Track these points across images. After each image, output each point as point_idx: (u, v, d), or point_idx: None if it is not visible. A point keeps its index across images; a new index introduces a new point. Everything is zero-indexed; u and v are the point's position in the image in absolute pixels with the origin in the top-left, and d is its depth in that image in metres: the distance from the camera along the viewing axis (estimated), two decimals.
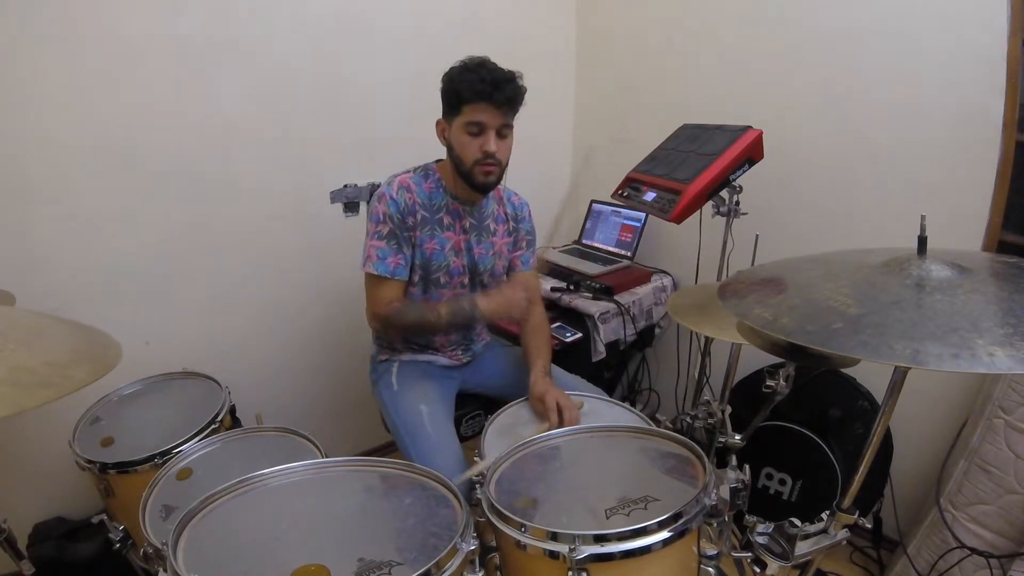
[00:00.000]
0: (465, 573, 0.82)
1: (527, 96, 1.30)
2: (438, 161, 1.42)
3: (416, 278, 1.39)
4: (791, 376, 1.30)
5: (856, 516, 0.92)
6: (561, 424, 1.22)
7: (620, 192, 1.71)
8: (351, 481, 0.99)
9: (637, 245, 2.18)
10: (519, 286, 1.35)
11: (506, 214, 1.50)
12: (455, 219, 1.41)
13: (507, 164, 1.34)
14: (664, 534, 0.82)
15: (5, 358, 0.74)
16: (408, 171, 1.40)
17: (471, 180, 1.32)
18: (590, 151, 2.50)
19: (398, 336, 1.49)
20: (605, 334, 1.92)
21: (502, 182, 1.43)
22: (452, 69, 1.28)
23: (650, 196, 1.56)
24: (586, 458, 1.07)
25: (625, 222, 2.25)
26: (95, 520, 1.18)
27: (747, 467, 1.04)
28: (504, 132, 1.29)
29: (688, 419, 1.56)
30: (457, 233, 1.41)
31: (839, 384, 1.70)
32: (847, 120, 1.64)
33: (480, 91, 1.22)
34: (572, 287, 2.01)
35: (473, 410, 1.56)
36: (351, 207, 1.96)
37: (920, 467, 1.63)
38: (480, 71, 1.23)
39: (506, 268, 1.53)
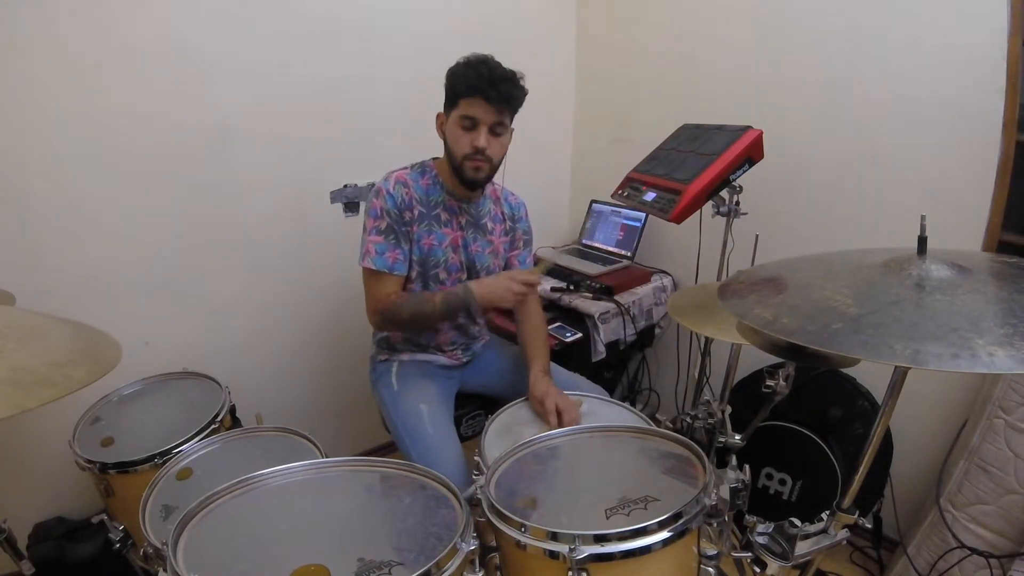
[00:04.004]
0: (465, 573, 0.82)
1: (528, 96, 1.31)
2: (435, 158, 1.42)
3: (415, 274, 1.39)
4: (791, 376, 1.30)
5: (856, 516, 0.92)
6: (561, 426, 1.23)
7: (620, 192, 1.71)
8: (351, 481, 0.99)
9: (637, 245, 2.18)
10: (514, 272, 1.35)
11: (503, 214, 1.50)
12: (452, 215, 1.41)
13: (499, 163, 1.35)
14: (664, 534, 0.82)
15: (5, 358, 0.74)
16: (405, 167, 1.40)
17: (460, 174, 1.33)
18: (590, 151, 2.50)
19: (397, 332, 1.49)
20: (605, 334, 1.92)
21: (499, 182, 1.43)
22: (456, 64, 1.29)
23: (650, 196, 1.56)
24: (586, 458, 1.07)
25: (625, 222, 2.25)
26: (95, 520, 1.18)
27: (747, 467, 1.03)
28: (498, 130, 1.29)
29: (688, 419, 1.56)
30: (454, 229, 1.41)
31: (839, 384, 1.70)
32: (847, 120, 1.64)
33: (476, 86, 1.23)
34: (572, 287, 2.01)
35: (473, 410, 1.56)
36: (351, 207, 1.96)
37: (920, 467, 1.63)
38: (480, 68, 1.24)
39: (503, 267, 1.53)
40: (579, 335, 1.86)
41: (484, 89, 1.23)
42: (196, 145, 1.63)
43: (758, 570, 0.96)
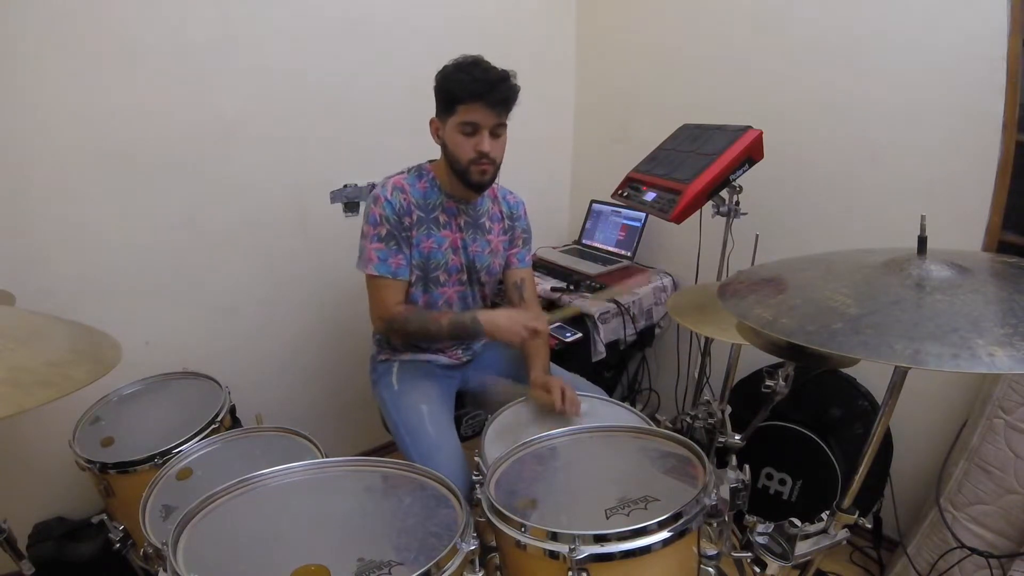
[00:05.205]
0: (465, 573, 0.82)
1: (527, 96, 1.30)
2: (431, 161, 1.42)
3: (415, 277, 1.39)
4: (791, 376, 1.30)
5: (856, 516, 0.92)
6: (564, 405, 1.24)
7: (620, 192, 1.71)
8: (351, 481, 0.99)
9: (637, 245, 2.18)
10: (526, 317, 1.33)
11: (501, 212, 1.50)
12: (451, 217, 1.41)
13: (501, 162, 1.34)
14: (664, 534, 0.82)
15: (5, 358, 0.74)
16: (402, 172, 1.40)
17: (466, 179, 1.32)
18: (590, 151, 2.50)
19: (401, 340, 1.49)
20: (605, 334, 1.92)
21: (497, 181, 1.43)
22: (445, 68, 1.28)
23: (650, 196, 1.56)
24: (586, 458, 1.07)
25: (625, 222, 2.25)
26: (95, 520, 1.18)
27: (747, 467, 1.04)
28: (498, 131, 1.29)
29: (688, 419, 1.57)
30: (453, 231, 1.41)
31: (839, 384, 1.70)
32: (847, 120, 1.64)
33: (474, 92, 1.22)
34: (572, 287, 2.01)
35: (473, 410, 1.56)
36: (351, 207, 1.96)
37: (920, 467, 1.63)
38: (474, 71, 1.23)
39: (503, 266, 1.53)
40: (579, 335, 1.86)
41: (483, 94, 1.22)
42: (196, 145, 1.63)
43: (758, 570, 0.96)
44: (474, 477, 1.04)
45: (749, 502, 1.05)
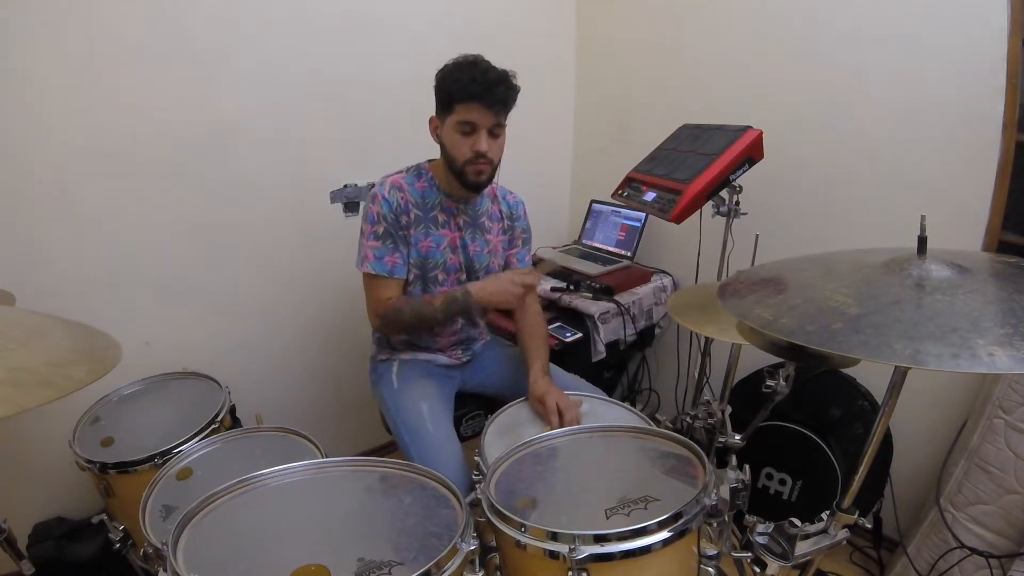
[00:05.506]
0: (465, 573, 0.82)
1: (528, 96, 1.31)
2: (431, 160, 1.42)
3: (413, 276, 1.39)
4: (791, 376, 1.30)
5: (856, 516, 0.92)
6: (562, 425, 1.23)
7: (620, 192, 1.71)
8: (351, 481, 0.99)
9: (637, 245, 2.18)
10: (513, 273, 1.36)
11: (501, 212, 1.50)
12: (449, 216, 1.41)
13: (499, 162, 1.35)
14: (664, 534, 0.82)
15: (5, 358, 0.74)
16: (400, 171, 1.41)
17: (463, 179, 1.32)
18: (590, 151, 2.50)
19: (399, 334, 1.49)
20: (605, 334, 1.92)
21: (496, 181, 1.43)
22: (445, 67, 1.28)
23: (650, 196, 1.56)
24: (586, 458, 1.07)
25: (625, 222, 2.25)
26: (95, 520, 1.18)
27: (747, 467, 1.04)
28: (496, 132, 1.29)
29: (688, 419, 1.56)
30: (452, 230, 1.41)
31: (839, 384, 1.70)
32: (847, 120, 1.64)
33: (472, 92, 1.22)
34: (572, 287, 2.01)
35: (473, 410, 1.56)
36: (351, 207, 1.96)
37: (920, 467, 1.63)
38: (472, 71, 1.23)
39: (502, 266, 1.53)
40: (579, 335, 1.86)
41: (481, 94, 1.22)
42: (196, 145, 1.63)
43: (758, 570, 0.96)
44: (474, 477, 1.04)
45: (749, 502, 1.05)
